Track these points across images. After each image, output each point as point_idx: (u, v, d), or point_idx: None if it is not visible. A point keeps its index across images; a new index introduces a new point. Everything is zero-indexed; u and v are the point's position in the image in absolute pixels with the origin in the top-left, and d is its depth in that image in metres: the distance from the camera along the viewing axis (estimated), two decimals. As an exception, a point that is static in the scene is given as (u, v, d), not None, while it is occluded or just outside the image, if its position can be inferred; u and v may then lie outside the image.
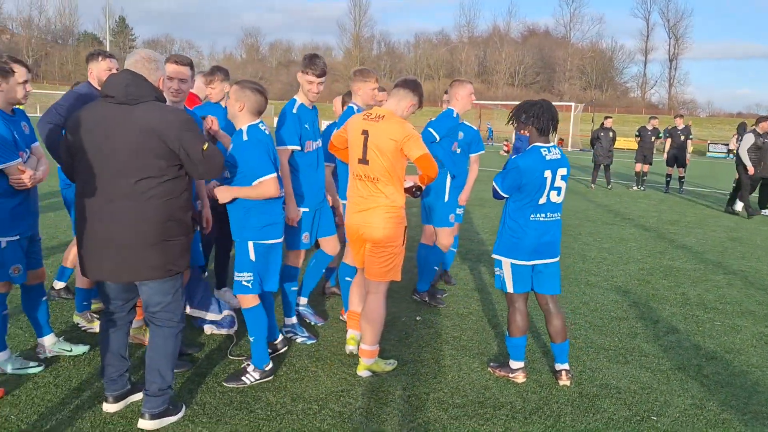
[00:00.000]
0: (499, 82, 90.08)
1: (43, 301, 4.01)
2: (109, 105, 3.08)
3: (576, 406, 3.78)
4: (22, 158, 3.56)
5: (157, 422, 3.26)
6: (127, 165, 3.03)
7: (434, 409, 3.67)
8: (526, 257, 4.00)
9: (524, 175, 3.87)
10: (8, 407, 3.41)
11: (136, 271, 3.14)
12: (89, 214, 3.12)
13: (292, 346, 4.50)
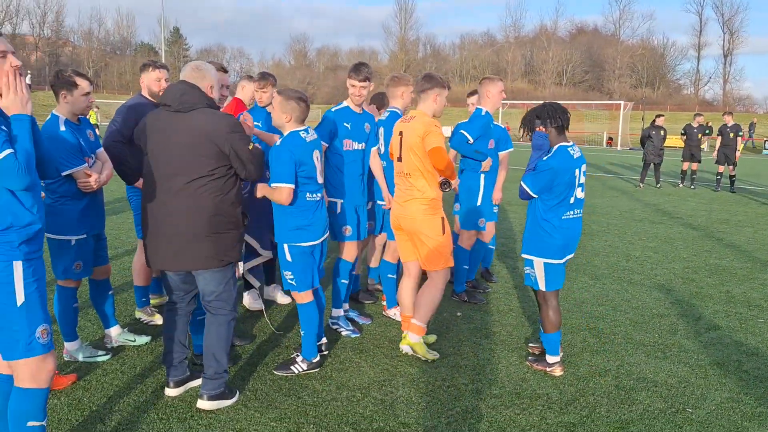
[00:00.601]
0: (546, 82, 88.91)
1: (109, 295, 4.36)
2: (167, 112, 3.41)
3: (612, 398, 3.88)
4: (87, 163, 3.90)
5: (214, 403, 3.54)
6: (182, 165, 3.35)
7: (472, 399, 3.83)
8: (560, 255, 4.13)
9: (558, 175, 4.00)
10: (81, 391, 3.75)
11: (191, 260, 3.44)
12: (151, 209, 3.45)
13: (338, 338, 4.73)
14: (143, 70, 4.76)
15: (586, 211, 11.72)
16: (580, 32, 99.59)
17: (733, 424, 3.59)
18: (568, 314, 5.47)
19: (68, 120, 3.88)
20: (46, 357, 2.63)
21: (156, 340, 4.52)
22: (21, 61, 2.62)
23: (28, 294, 2.54)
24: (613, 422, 3.59)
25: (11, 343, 2.55)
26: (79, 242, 3.94)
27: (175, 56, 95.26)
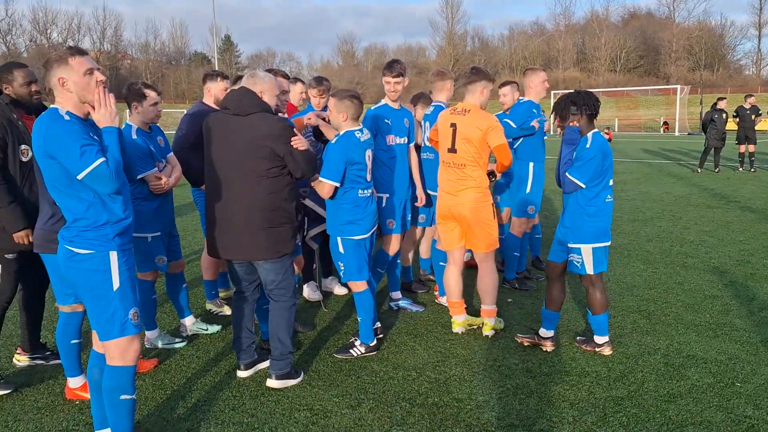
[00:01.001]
0: (599, 69, 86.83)
1: (183, 288, 4.75)
2: (227, 116, 3.74)
3: (660, 374, 4.00)
4: (158, 168, 4.28)
5: (281, 382, 3.86)
6: (240, 164, 3.67)
7: (523, 377, 4.02)
8: (606, 238, 4.27)
9: (605, 159, 4.13)
10: (162, 374, 4.13)
11: (250, 251, 3.76)
12: (214, 204, 3.78)
13: (393, 323, 4.99)
14: (210, 80, 5.10)
15: (640, 197, 11.65)
16: (633, 17, 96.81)
17: (782, 397, 3.66)
18: (618, 297, 5.57)
19: (140, 128, 4.27)
20: (134, 338, 2.98)
21: (226, 328, 4.88)
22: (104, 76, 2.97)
23: (122, 280, 2.89)
24: (661, 396, 3.71)
25: (108, 326, 2.91)
26: (154, 239, 4.33)
27: (227, 64, 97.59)
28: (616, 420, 3.46)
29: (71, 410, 3.63)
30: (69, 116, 2.83)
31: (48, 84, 2.92)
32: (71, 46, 2.96)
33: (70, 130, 2.76)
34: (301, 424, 3.45)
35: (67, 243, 2.87)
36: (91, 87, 2.87)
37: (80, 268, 2.87)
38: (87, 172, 2.72)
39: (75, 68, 2.85)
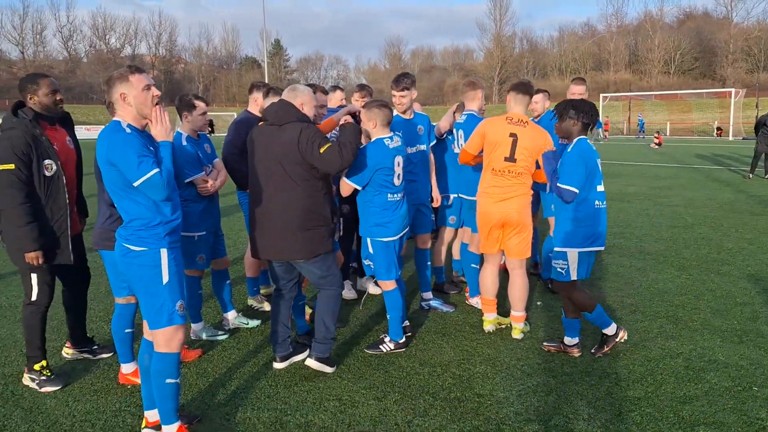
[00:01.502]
0: (652, 71, 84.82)
1: (227, 284, 5.09)
2: (267, 126, 4.06)
3: (680, 377, 4.11)
4: (205, 172, 4.62)
5: (318, 364, 4.21)
6: (277, 171, 3.97)
7: (544, 376, 4.19)
8: (596, 244, 4.38)
9: (587, 163, 4.24)
10: (205, 363, 4.47)
11: (288, 252, 4.05)
12: (256, 209, 4.09)
13: (423, 323, 5.22)
14: (257, 90, 5.47)
15: (683, 203, 11.53)
16: (688, 17, 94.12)
17: (800, 402, 3.73)
18: (648, 303, 5.65)
19: (189, 136, 4.62)
20: (180, 328, 3.30)
21: (265, 323, 5.20)
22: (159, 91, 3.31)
23: (171, 275, 3.22)
24: (677, 397, 3.83)
25: (158, 316, 3.23)
26: (200, 238, 4.67)
27: (276, 67, 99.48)
28: (630, 418, 3.60)
29: (123, 393, 4.00)
30: (130, 129, 3.17)
31: (110, 98, 3.26)
32: (131, 65, 3.30)
33: (130, 141, 3.10)
34: (330, 413, 3.71)
35: (123, 241, 3.21)
36: (149, 101, 3.21)
37: (134, 263, 3.20)
38: (142, 180, 3.06)
39: (135, 84, 3.19)
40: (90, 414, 3.73)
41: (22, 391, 4.04)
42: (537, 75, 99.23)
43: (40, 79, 4.08)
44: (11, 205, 3.86)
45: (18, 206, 3.84)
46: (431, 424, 3.57)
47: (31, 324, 4.10)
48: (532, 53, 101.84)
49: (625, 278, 6.52)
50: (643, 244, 8.16)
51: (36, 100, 4.04)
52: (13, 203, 3.85)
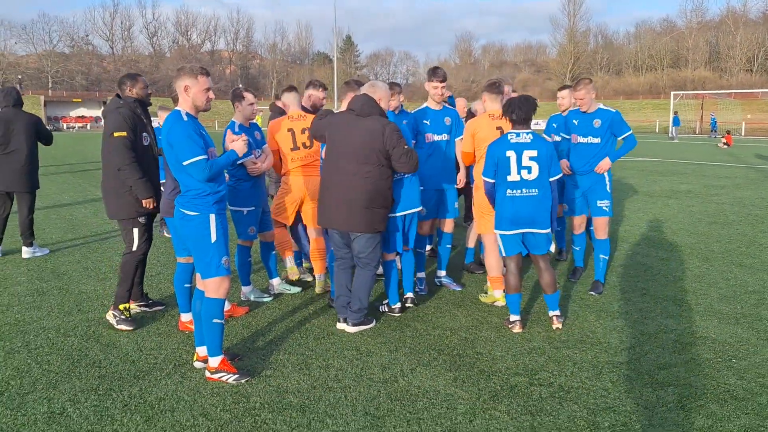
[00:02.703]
0: (732, 69, 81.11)
1: (272, 254, 5.84)
2: (351, 115, 4.76)
3: (666, 349, 4.54)
4: (254, 155, 5.36)
5: (356, 328, 4.90)
6: (356, 155, 4.67)
7: (541, 341, 4.72)
8: (506, 228, 4.93)
9: (491, 157, 4.91)
10: (250, 318, 5.24)
11: (353, 224, 4.73)
12: (330, 183, 4.77)
13: (443, 295, 5.82)
14: (313, 88, 6.25)
15: (729, 201, 11.56)
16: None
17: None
18: (660, 287, 6.04)
19: (241, 124, 5.39)
20: (225, 279, 4.04)
21: (304, 290, 5.93)
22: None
23: (218, 235, 3.96)
24: (658, 364, 4.28)
25: (207, 267, 3.99)
26: (249, 212, 5.44)
27: (347, 63, 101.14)
28: (607, 377, 4.09)
29: (181, 336, 4.81)
30: (187, 117, 3.94)
31: (174, 85, 4.03)
32: (202, 67, 4.08)
33: (185, 129, 3.87)
34: (347, 359, 4.39)
35: (180, 207, 3.98)
36: (204, 100, 3.99)
37: (189, 225, 3.97)
38: (189, 162, 3.83)
39: (200, 83, 3.97)
40: (154, 350, 4.55)
41: (102, 332, 4.91)
42: (611, 71, 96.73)
43: (138, 77, 5.25)
44: (128, 162, 4.95)
45: (133, 163, 4.95)
46: (430, 371, 4.19)
47: (128, 270, 5.08)
48: (606, 49, 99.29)
49: (646, 266, 6.88)
50: (676, 237, 8.42)
51: (134, 92, 5.16)
52: (130, 161, 4.95)
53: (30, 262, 7.17)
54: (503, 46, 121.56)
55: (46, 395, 3.83)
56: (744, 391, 3.86)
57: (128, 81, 5.19)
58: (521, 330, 4.93)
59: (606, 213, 5.87)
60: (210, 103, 4.06)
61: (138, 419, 3.54)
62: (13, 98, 7.21)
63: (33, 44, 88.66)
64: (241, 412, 3.63)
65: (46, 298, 5.76)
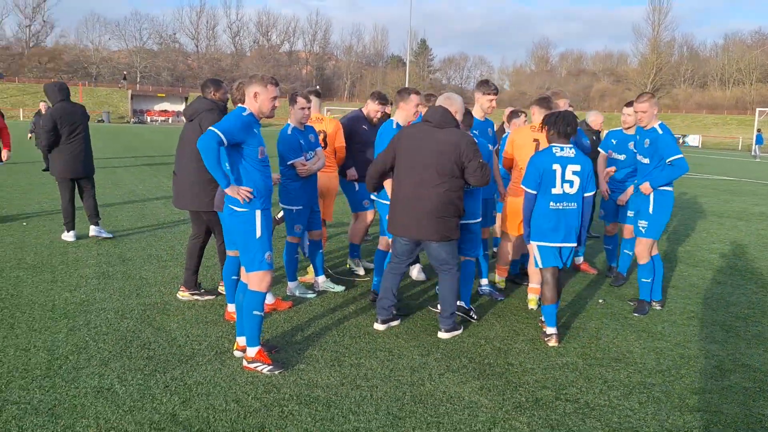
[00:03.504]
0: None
1: (320, 252, 6.05)
2: (428, 127, 4.87)
3: (705, 374, 4.44)
4: (305, 157, 5.57)
5: (449, 334, 4.99)
6: (434, 165, 4.75)
7: (574, 357, 4.70)
8: (547, 239, 5.04)
9: (536, 168, 5.01)
10: (293, 313, 5.46)
11: (427, 233, 4.83)
12: (404, 193, 4.86)
13: (483, 303, 5.87)
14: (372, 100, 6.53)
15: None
16: None
17: None
18: (710, 311, 5.89)
19: (296, 127, 5.61)
20: (267, 273, 4.26)
21: (347, 290, 6.12)
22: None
23: (263, 231, 4.20)
24: (692, 389, 4.20)
25: (252, 261, 4.22)
26: (298, 211, 5.67)
27: (420, 66, 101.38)
28: (636, 398, 4.06)
29: (227, 326, 5.08)
30: (247, 112, 4.20)
31: (245, 89, 4.28)
32: (273, 77, 4.34)
33: (240, 118, 4.14)
34: (379, 359, 4.53)
35: (229, 203, 4.24)
36: (269, 108, 4.25)
37: (237, 220, 4.22)
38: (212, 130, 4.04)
39: (269, 92, 4.23)
40: (199, 336, 4.84)
41: (155, 316, 5.25)
42: (695, 84, 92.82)
43: (221, 84, 5.67)
44: None
45: None
46: (458, 377, 4.27)
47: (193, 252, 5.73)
48: (691, 61, 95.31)
49: (699, 288, 6.69)
50: (738, 261, 8.11)
51: (216, 96, 5.57)
52: None
53: (100, 247, 7.69)
54: (582, 53, 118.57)
55: (98, 371, 4.16)
56: (779, 424, 3.76)
57: (212, 86, 5.59)
58: (557, 344, 4.93)
59: (640, 234, 5.68)
60: (274, 110, 4.31)
61: (176, 400, 3.80)
62: (65, 92, 7.84)
63: (125, 40, 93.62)
64: (271, 401, 3.83)
65: (110, 282, 6.19)
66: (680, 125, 72.69)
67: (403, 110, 5.62)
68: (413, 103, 5.62)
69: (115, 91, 71.14)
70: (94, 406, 3.69)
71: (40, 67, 79.24)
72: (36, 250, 7.39)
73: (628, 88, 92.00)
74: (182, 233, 8.59)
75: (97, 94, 68.12)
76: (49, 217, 9.53)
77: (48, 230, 8.53)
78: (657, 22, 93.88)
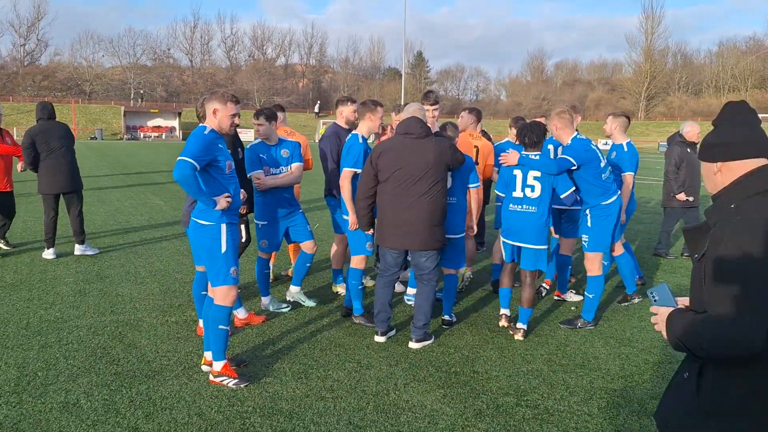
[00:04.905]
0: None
1: (307, 265, 5.99)
2: (409, 139, 4.92)
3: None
4: (265, 171, 5.56)
5: (420, 344, 5.06)
6: (424, 174, 4.85)
7: (540, 363, 4.76)
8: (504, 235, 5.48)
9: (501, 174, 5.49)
10: (266, 327, 5.51)
11: (421, 243, 4.92)
12: (395, 206, 4.91)
13: (459, 313, 5.92)
14: (343, 104, 6.29)
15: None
16: None
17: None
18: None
19: (262, 141, 5.65)
20: (232, 288, 4.32)
21: (319, 306, 6.16)
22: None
23: (228, 245, 4.25)
24: (651, 394, 4.26)
25: (217, 276, 4.28)
26: (263, 226, 5.70)
27: (416, 78, 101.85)
28: (596, 403, 4.11)
29: (198, 341, 5.12)
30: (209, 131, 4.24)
31: (206, 105, 4.34)
32: (233, 94, 4.41)
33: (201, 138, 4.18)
34: (347, 371, 4.58)
35: (194, 216, 4.30)
36: (228, 124, 4.31)
37: (202, 235, 4.28)
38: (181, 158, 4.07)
39: (228, 109, 4.29)
40: (169, 352, 4.89)
41: (127, 332, 5.30)
42: (690, 91, 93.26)
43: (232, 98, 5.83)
44: None
45: None
46: (423, 386, 4.32)
47: None
48: (685, 68, 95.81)
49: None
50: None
51: None
52: None
53: (79, 264, 7.74)
54: (577, 63, 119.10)
55: (65, 387, 4.21)
56: (735, 427, 3.80)
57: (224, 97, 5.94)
58: (507, 324, 5.49)
59: (585, 248, 5.63)
60: (233, 128, 4.37)
61: (140, 414, 3.85)
62: (48, 111, 8.04)
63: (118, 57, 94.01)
64: (234, 414, 3.88)
65: (86, 299, 6.24)
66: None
67: (367, 122, 5.62)
68: (379, 115, 5.65)
69: (108, 107, 71.24)
70: (59, 421, 3.74)
71: (35, 85, 79.52)
72: (16, 268, 7.45)
73: (623, 96, 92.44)
74: (162, 250, 8.65)
75: (91, 112, 68.28)
76: (32, 235, 9.59)
77: (30, 248, 8.59)
78: (650, 30, 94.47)
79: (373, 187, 5.02)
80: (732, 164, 2.04)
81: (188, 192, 4.14)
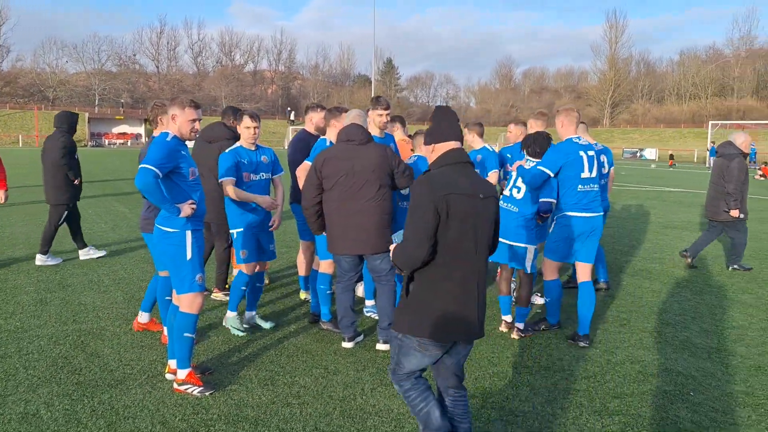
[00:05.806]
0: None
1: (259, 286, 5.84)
2: (352, 145, 4.96)
3: (627, 379, 4.58)
4: (246, 177, 5.47)
5: (387, 345, 5.05)
6: (370, 179, 4.90)
7: (506, 366, 4.81)
8: None
9: None
10: (231, 335, 5.46)
11: (374, 246, 4.95)
12: (344, 212, 4.91)
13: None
14: (313, 111, 6.23)
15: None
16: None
17: (726, 408, 4.14)
18: (642, 319, 6.08)
19: (240, 146, 5.55)
20: (198, 295, 4.28)
21: (293, 311, 6.14)
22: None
23: (193, 253, 4.22)
24: (613, 394, 4.34)
25: (182, 283, 4.23)
26: (239, 234, 5.49)
27: (387, 85, 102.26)
28: (560, 404, 4.18)
29: (162, 349, 5.05)
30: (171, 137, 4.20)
31: (162, 113, 4.31)
32: (192, 99, 4.36)
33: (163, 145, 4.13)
34: (314, 377, 4.57)
35: (159, 223, 4.25)
36: (188, 130, 4.25)
37: (166, 241, 4.23)
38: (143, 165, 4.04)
39: (187, 114, 4.24)
40: (132, 360, 4.82)
41: (89, 341, 5.21)
42: (653, 99, 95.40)
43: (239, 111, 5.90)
44: None
45: None
46: (389, 391, 4.34)
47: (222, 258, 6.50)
48: (648, 76, 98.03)
49: (635, 297, 6.90)
50: (676, 270, 8.37)
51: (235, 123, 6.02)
52: None
53: (41, 273, 7.58)
54: (544, 71, 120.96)
55: (24, 398, 4.12)
56: (692, 425, 3.91)
57: (231, 114, 6.36)
58: (507, 329, 5.65)
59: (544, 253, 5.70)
60: (194, 133, 4.33)
61: (102, 424, 3.78)
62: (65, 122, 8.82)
63: (83, 63, 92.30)
64: (198, 422, 3.84)
65: (47, 308, 6.11)
66: (639, 139, 74.50)
67: (333, 129, 5.61)
68: (343, 120, 5.66)
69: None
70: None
71: (-5, 91, 77.69)
72: (-25, 278, 7.26)
73: (589, 104, 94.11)
74: (126, 258, 8.52)
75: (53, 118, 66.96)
76: (-6, 244, 9.36)
77: (-10, 257, 8.39)
78: (614, 39, 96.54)
79: (318, 195, 5.02)
80: (438, 146, 3.18)
81: (151, 200, 4.10)
